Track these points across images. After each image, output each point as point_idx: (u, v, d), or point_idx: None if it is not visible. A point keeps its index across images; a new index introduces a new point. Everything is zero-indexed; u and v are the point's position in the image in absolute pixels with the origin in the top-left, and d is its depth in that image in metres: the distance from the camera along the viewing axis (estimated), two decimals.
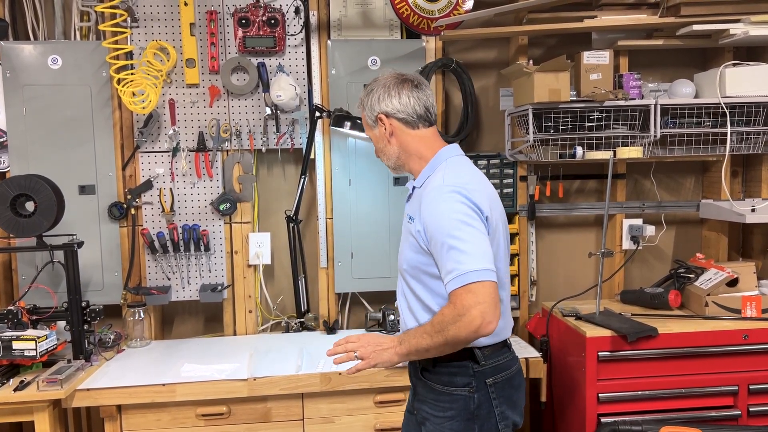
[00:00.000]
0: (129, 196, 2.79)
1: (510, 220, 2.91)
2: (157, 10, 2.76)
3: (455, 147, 1.88)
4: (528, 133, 2.69)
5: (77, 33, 2.80)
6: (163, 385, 2.28)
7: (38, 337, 2.30)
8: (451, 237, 1.63)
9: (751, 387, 2.50)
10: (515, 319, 3.03)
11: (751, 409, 2.51)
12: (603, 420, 2.45)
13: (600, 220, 3.10)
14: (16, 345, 2.29)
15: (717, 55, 2.98)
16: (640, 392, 2.48)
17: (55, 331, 2.45)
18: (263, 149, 2.88)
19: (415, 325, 1.80)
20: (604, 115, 2.75)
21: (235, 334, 2.93)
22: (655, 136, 2.74)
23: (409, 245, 1.79)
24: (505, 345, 1.83)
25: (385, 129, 1.85)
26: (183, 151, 2.82)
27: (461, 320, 1.59)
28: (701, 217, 3.11)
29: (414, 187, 1.86)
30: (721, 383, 2.50)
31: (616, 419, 2.43)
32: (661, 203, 3.10)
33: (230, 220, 2.90)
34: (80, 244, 2.48)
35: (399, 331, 1.95)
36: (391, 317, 2.80)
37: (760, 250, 3.11)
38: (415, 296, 1.80)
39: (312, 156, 2.86)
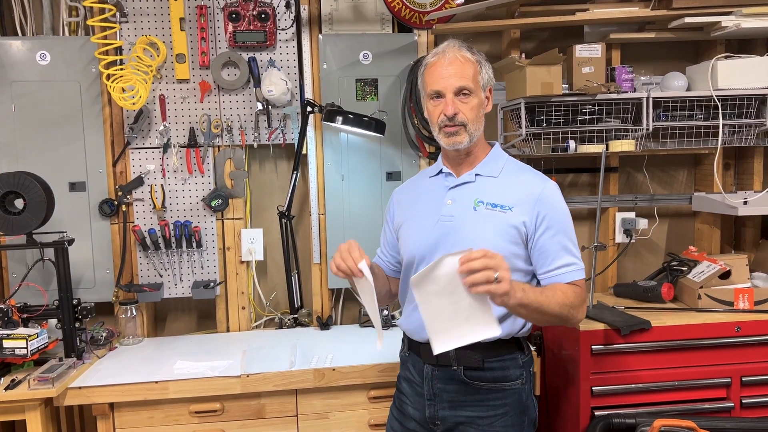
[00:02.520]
0: (120, 193, 2.77)
1: None
2: (147, 5, 2.74)
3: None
4: (520, 127, 2.69)
5: (66, 28, 2.78)
6: (156, 382, 2.27)
7: (29, 336, 2.28)
8: (571, 233, 1.76)
9: (743, 379, 2.51)
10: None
11: (743, 401, 2.51)
12: (597, 413, 2.46)
13: (593, 213, 3.10)
14: (6, 343, 2.27)
15: (709, 48, 2.98)
16: (633, 385, 2.48)
17: (47, 329, 2.43)
18: (255, 145, 2.86)
19: None
20: (596, 108, 2.75)
21: (228, 330, 2.92)
22: (647, 129, 2.74)
23: (501, 235, 1.71)
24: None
25: (487, 103, 1.81)
26: (174, 147, 2.80)
27: (583, 307, 1.74)
28: (694, 210, 3.12)
29: (477, 175, 1.80)
30: (714, 375, 2.51)
31: (609, 412, 2.44)
32: (653, 196, 3.11)
33: (222, 216, 2.88)
34: (71, 242, 2.46)
35: (395, 327, 1.94)
36: (385, 312, 2.79)
37: (753, 242, 3.12)
38: None
39: (304, 151, 2.85)
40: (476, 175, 1.80)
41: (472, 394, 1.76)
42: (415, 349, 1.88)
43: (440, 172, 1.88)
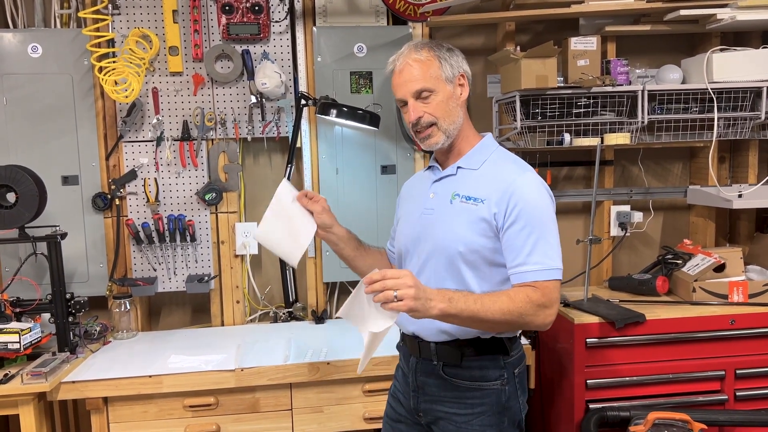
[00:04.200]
0: (113, 187, 2.76)
1: None
2: None
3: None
4: (515, 120, 2.68)
5: (57, 20, 2.75)
6: (150, 376, 2.26)
7: (22, 330, 2.27)
8: (543, 228, 1.65)
9: (737, 372, 2.52)
10: None
11: (737, 394, 2.52)
12: (591, 406, 2.46)
13: (588, 207, 3.09)
14: None
15: (704, 41, 2.97)
16: (628, 378, 2.49)
17: (40, 324, 2.42)
18: (249, 138, 2.84)
19: None
20: (591, 101, 2.75)
21: (222, 324, 2.92)
22: (642, 122, 2.74)
23: (471, 228, 1.68)
24: (517, 335, 1.83)
25: (461, 92, 1.75)
26: (167, 140, 2.79)
27: (545, 311, 1.61)
28: (689, 203, 3.12)
29: (458, 168, 1.77)
30: (708, 368, 2.52)
31: (604, 405, 2.45)
32: (648, 189, 3.11)
33: (216, 209, 2.87)
34: (64, 236, 2.45)
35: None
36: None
37: (747, 235, 3.12)
38: (461, 284, 1.71)
39: (298, 145, 2.83)
40: (458, 168, 1.78)
41: (451, 390, 1.75)
42: (403, 340, 1.90)
43: (431, 166, 1.89)
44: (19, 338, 2.26)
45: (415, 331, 1.81)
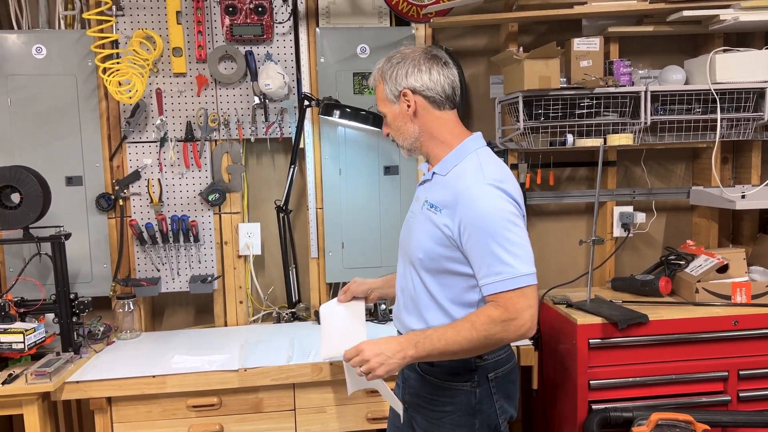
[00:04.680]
0: (117, 187, 2.77)
1: None
2: None
3: (480, 137, 1.80)
4: (518, 121, 2.68)
5: (62, 22, 2.76)
6: (154, 376, 2.27)
7: (26, 330, 2.28)
8: (497, 236, 1.58)
9: (741, 372, 2.52)
10: None
11: (741, 395, 2.52)
12: (594, 407, 2.46)
13: (591, 207, 3.09)
14: (3, 338, 2.26)
15: (707, 42, 2.97)
16: (631, 379, 2.49)
17: (44, 324, 2.42)
18: (252, 139, 2.85)
19: (417, 322, 1.75)
20: (594, 102, 2.75)
21: (225, 325, 2.92)
22: (645, 123, 2.74)
23: (429, 235, 1.69)
24: None
25: (408, 106, 1.73)
26: (171, 141, 2.80)
27: (513, 324, 1.57)
28: (692, 204, 3.12)
29: (434, 173, 1.77)
30: (712, 369, 2.51)
31: (607, 406, 2.45)
32: (651, 190, 3.10)
33: (219, 210, 2.87)
34: (68, 236, 2.45)
35: (392, 321, 1.93)
36: (383, 306, 2.79)
37: (750, 236, 3.12)
38: (426, 291, 1.72)
39: (301, 145, 2.84)
40: (433, 173, 1.78)
41: (426, 387, 1.78)
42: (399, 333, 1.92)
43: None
44: (24, 338, 2.27)
45: (399, 328, 1.88)
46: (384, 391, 1.81)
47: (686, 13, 2.68)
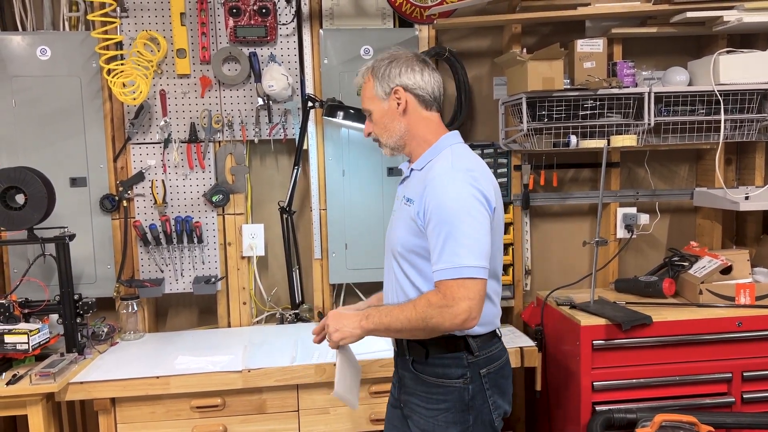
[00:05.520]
0: (121, 188, 2.77)
1: (504, 210, 2.88)
2: (147, 0, 2.73)
3: (457, 134, 1.85)
4: (522, 122, 2.68)
5: (66, 23, 2.77)
6: (157, 377, 2.27)
7: (30, 331, 2.28)
8: (452, 225, 1.62)
9: (744, 374, 2.51)
10: (510, 308, 3.04)
11: (744, 396, 2.52)
12: (598, 408, 2.46)
13: (594, 209, 3.09)
14: (8, 339, 2.26)
15: (711, 43, 2.97)
16: (634, 380, 2.48)
17: (48, 325, 2.43)
18: (256, 140, 2.86)
19: None
20: (598, 103, 2.74)
21: (229, 326, 2.92)
22: (649, 124, 2.73)
23: (406, 228, 1.75)
24: (495, 335, 1.83)
25: (398, 104, 1.78)
26: (175, 142, 2.80)
27: (447, 310, 1.60)
28: (695, 205, 3.11)
29: (412, 170, 1.83)
30: (715, 371, 2.51)
31: (610, 407, 2.44)
32: (655, 191, 3.10)
33: (223, 211, 2.88)
34: (72, 237, 2.46)
35: None
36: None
37: (754, 237, 3.11)
38: (408, 279, 1.78)
39: (305, 146, 2.84)
40: (411, 170, 1.85)
41: (421, 385, 1.80)
42: None
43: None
44: (28, 339, 2.27)
45: None
46: (338, 365, 1.86)
47: (690, 14, 2.68)
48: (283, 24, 2.80)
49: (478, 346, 1.76)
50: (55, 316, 2.49)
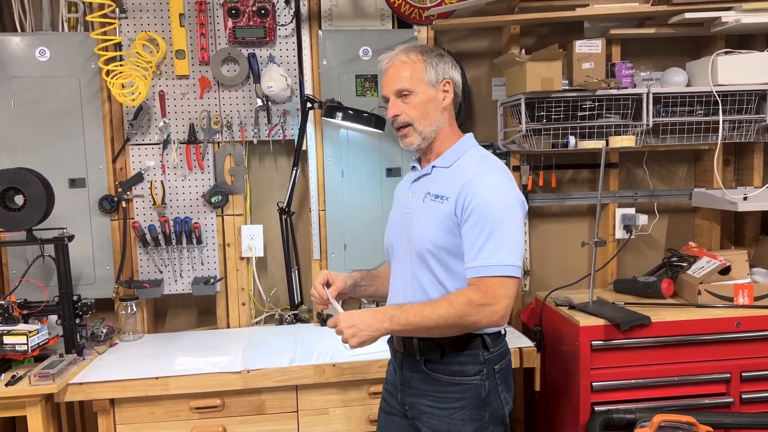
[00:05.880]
0: (120, 189, 2.77)
1: None
2: (146, 1, 2.73)
3: (474, 136, 1.90)
4: (521, 123, 2.68)
5: (65, 24, 2.77)
6: (157, 378, 2.27)
7: (29, 332, 2.28)
8: (496, 225, 1.65)
9: (743, 374, 2.52)
10: None
11: (743, 396, 2.52)
12: (597, 408, 2.46)
13: (593, 209, 3.10)
14: (7, 340, 2.26)
15: (709, 44, 2.98)
16: (633, 381, 2.48)
17: (47, 326, 2.43)
18: (255, 141, 2.86)
19: None
20: (596, 104, 2.75)
21: (228, 326, 2.92)
22: (647, 125, 2.74)
23: (438, 225, 1.73)
24: (501, 332, 1.85)
25: (444, 97, 1.81)
26: (174, 143, 2.80)
27: (488, 308, 1.63)
28: (694, 206, 3.12)
29: (434, 167, 1.83)
30: (714, 371, 2.51)
31: (609, 408, 2.44)
32: (653, 192, 3.11)
33: (222, 212, 2.88)
34: (71, 238, 2.46)
35: None
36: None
37: (752, 238, 3.12)
38: (433, 278, 1.76)
39: (304, 147, 2.84)
40: (433, 167, 1.84)
41: (433, 385, 1.79)
42: (391, 336, 1.93)
43: (413, 165, 1.96)
44: (27, 340, 2.27)
45: None
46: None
47: (688, 15, 2.69)
48: (282, 25, 2.81)
49: (492, 342, 1.78)
50: (54, 317, 2.49)
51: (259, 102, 2.80)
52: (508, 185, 1.72)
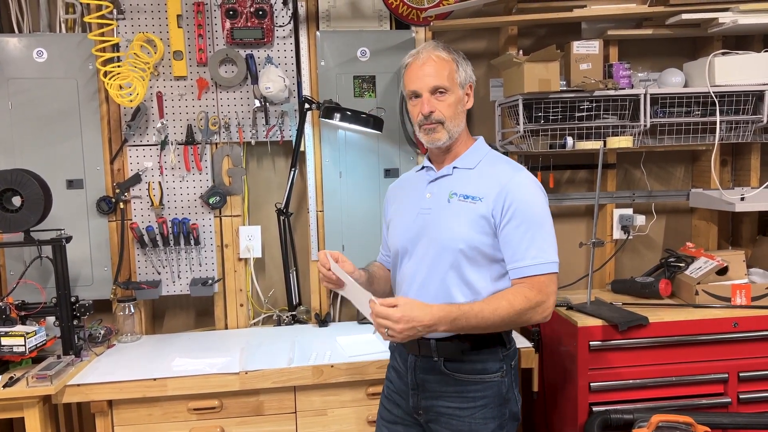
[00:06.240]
0: (117, 190, 2.77)
1: None
2: (144, 2, 2.73)
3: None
4: (518, 124, 2.69)
5: (63, 25, 2.77)
6: (155, 379, 2.27)
7: (27, 333, 2.28)
8: (539, 225, 1.71)
9: (741, 374, 2.52)
10: None
11: (741, 397, 2.52)
12: (595, 409, 2.46)
13: (590, 210, 3.10)
14: (4, 341, 2.26)
15: (706, 44, 2.98)
16: (631, 381, 2.49)
17: (45, 327, 2.42)
18: (253, 142, 2.86)
19: None
20: (594, 105, 2.75)
21: (226, 327, 2.92)
22: (645, 126, 2.74)
23: (472, 226, 1.74)
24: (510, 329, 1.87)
25: (467, 100, 1.85)
26: (171, 144, 2.80)
27: (542, 306, 1.68)
28: (691, 207, 3.12)
29: (454, 168, 1.85)
30: (712, 371, 2.52)
31: (607, 408, 2.45)
32: (651, 193, 3.11)
33: (220, 213, 2.88)
34: (68, 239, 2.46)
35: None
36: None
37: (750, 238, 3.13)
38: (461, 279, 1.76)
39: (302, 148, 2.85)
40: (454, 168, 1.86)
41: (453, 386, 1.78)
42: None
43: (424, 167, 1.96)
44: (24, 341, 2.27)
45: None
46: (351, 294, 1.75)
47: (685, 16, 2.70)
48: (280, 26, 2.81)
49: (507, 339, 1.82)
50: (51, 319, 2.48)
51: (257, 103, 2.80)
52: (540, 187, 1.78)
